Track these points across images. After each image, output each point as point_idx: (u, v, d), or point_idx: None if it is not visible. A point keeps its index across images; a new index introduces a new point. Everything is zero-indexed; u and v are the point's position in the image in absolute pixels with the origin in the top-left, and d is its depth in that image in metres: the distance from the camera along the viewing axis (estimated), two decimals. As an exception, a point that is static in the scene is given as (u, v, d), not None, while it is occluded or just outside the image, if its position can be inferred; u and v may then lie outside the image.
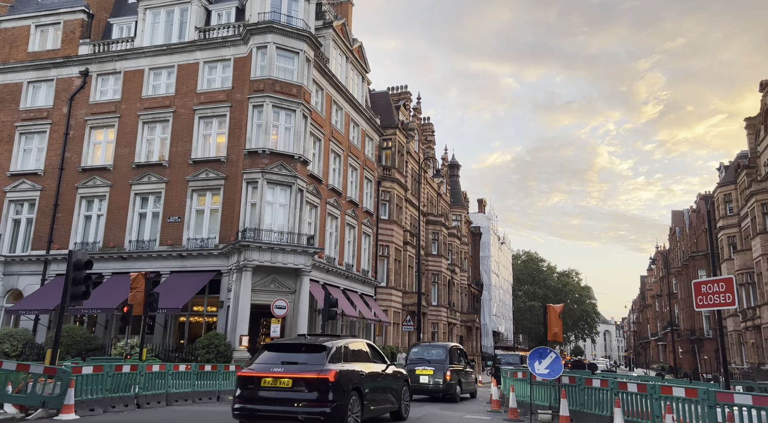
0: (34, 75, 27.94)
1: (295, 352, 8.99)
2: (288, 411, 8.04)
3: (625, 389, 9.82)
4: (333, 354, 8.77)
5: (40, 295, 24.21)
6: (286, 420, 8.11)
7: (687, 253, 61.83)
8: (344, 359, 9.03)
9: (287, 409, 8.06)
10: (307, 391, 8.07)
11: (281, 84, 24.23)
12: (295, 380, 8.13)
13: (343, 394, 8.31)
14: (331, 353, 8.73)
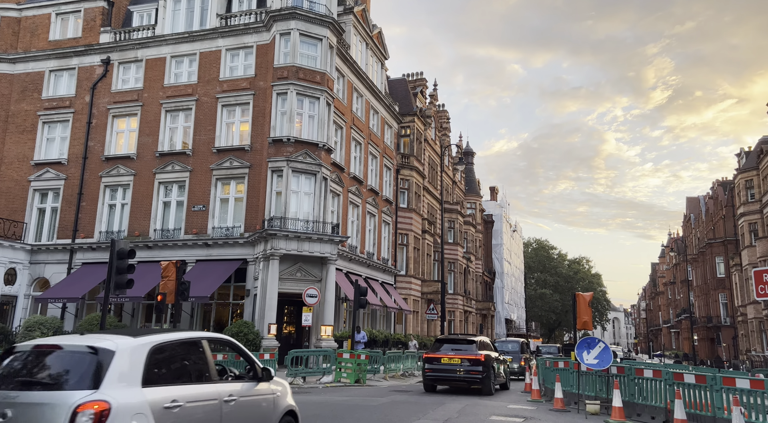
0: (55, 64, 27.85)
1: (458, 343, 15.07)
2: (458, 376, 14.34)
3: (681, 380, 9.72)
4: (479, 344, 14.65)
5: (67, 283, 24.34)
6: (458, 381, 14.37)
7: (703, 240, 61.40)
8: (484, 349, 14.63)
9: (458, 376, 14.42)
10: (470, 364, 13.99)
11: (305, 71, 24.03)
12: (462, 359, 14.08)
13: (487, 368, 14.24)
14: (477, 344, 14.71)
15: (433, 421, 9.98)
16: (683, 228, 78.88)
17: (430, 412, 11.07)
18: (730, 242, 53.57)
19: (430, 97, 45.35)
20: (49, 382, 4.40)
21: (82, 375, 4.25)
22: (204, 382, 4.94)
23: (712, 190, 62.73)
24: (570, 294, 73.91)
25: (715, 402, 8.95)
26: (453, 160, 51.89)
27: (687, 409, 9.22)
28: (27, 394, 4.24)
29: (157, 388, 4.49)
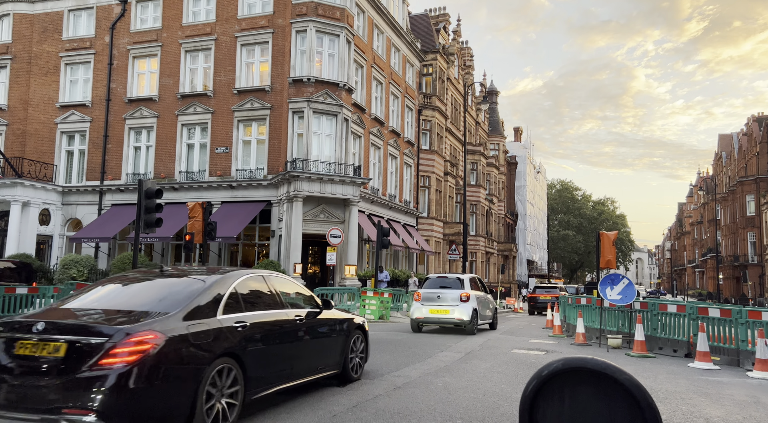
0: (73, 3, 27.49)
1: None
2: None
3: (705, 314, 9.75)
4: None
5: (98, 224, 25.09)
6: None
7: (734, 179, 59.89)
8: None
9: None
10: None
11: (324, 7, 23.30)
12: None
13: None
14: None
15: (455, 353, 10.27)
16: (714, 166, 76.84)
17: (452, 346, 11.39)
18: (762, 179, 52.13)
19: (453, 34, 43.78)
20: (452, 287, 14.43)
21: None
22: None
23: (747, 126, 60.46)
24: (593, 235, 73.65)
25: (739, 335, 8.99)
26: (476, 100, 50.70)
27: (710, 342, 9.29)
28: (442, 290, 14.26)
29: (474, 290, 12.50)
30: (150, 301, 4.83)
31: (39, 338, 4.19)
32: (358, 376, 7.34)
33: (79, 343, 4.10)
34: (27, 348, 4.20)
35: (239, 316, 5.18)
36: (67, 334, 4.17)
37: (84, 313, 4.71)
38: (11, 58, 27.69)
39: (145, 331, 4.22)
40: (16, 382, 4.11)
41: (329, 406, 5.89)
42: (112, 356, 4.03)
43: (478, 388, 7.02)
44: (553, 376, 1.75)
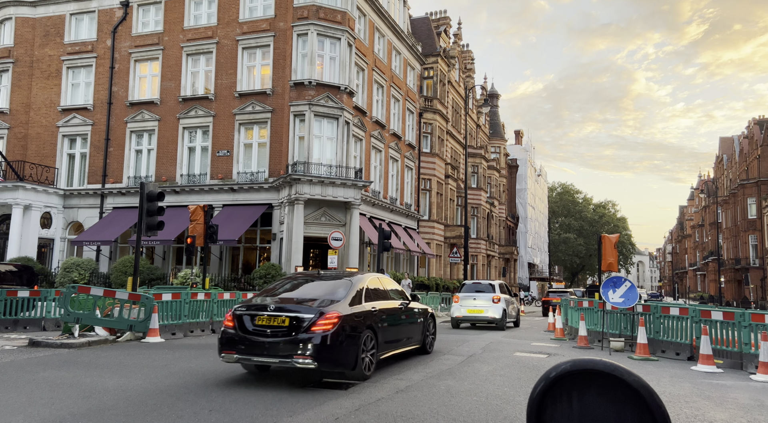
0: (75, 6, 27.57)
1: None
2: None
3: (708, 317, 9.72)
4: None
5: (100, 227, 25.10)
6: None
7: (735, 181, 59.85)
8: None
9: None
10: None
11: (325, 10, 23.36)
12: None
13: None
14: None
15: (458, 356, 10.24)
16: (715, 169, 76.80)
17: (455, 349, 11.36)
18: (763, 182, 52.05)
19: (454, 37, 43.84)
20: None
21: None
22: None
23: (748, 129, 60.44)
24: (594, 238, 73.55)
25: (742, 338, 8.96)
26: (477, 103, 50.74)
27: (713, 345, 9.26)
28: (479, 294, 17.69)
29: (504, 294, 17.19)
30: (326, 293, 7.67)
31: (269, 315, 7.11)
32: (431, 350, 10.42)
33: (296, 318, 7.01)
34: (263, 320, 7.11)
35: (372, 303, 8.05)
36: (288, 313, 7.10)
37: (292, 300, 7.58)
38: (13, 62, 27.76)
39: (332, 311, 7.10)
40: (259, 340, 6.99)
41: (332, 408, 5.87)
42: (316, 325, 6.91)
43: (481, 392, 7.00)
44: (561, 377, 1.73)
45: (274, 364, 7.07)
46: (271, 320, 7.02)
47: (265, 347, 6.89)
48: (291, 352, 6.80)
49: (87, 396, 6.36)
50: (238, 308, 7.35)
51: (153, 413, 5.63)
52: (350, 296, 7.55)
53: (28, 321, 13.43)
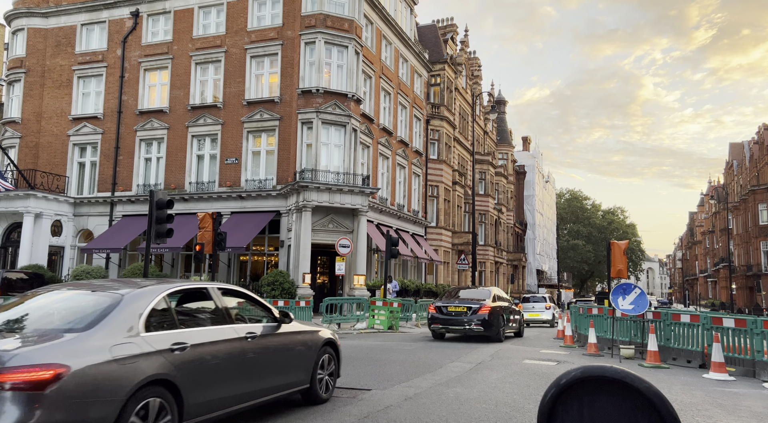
0: (86, 17, 27.95)
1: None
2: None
3: (720, 324, 9.63)
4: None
5: (109, 235, 25.28)
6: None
7: (746, 187, 59.33)
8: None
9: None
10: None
11: (333, 19, 23.52)
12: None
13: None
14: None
15: (466, 363, 10.19)
16: (725, 175, 76.21)
17: (463, 356, 11.31)
18: (774, 189, 51.57)
19: (460, 44, 43.97)
20: None
21: None
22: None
23: (758, 134, 59.97)
24: (603, 245, 73.05)
25: (754, 346, 8.86)
26: (484, 110, 50.76)
27: (725, 353, 9.16)
28: None
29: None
30: (480, 295, 14.87)
31: (455, 305, 14.50)
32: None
33: (469, 307, 14.25)
34: (452, 308, 14.47)
35: (499, 303, 15.50)
36: (465, 303, 14.44)
37: (464, 298, 14.98)
38: (25, 72, 28.14)
39: (487, 304, 14.47)
40: (452, 319, 14.37)
41: (340, 416, 5.86)
42: (481, 310, 14.10)
43: (490, 399, 6.96)
44: (572, 384, 1.73)
45: (461, 331, 14.43)
46: (456, 308, 14.38)
47: (454, 322, 14.29)
48: (468, 322, 14.08)
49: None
50: (435, 304, 15.06)
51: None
52: (492, 296, 14.95)
53: (38, 328, 13.49)
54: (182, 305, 5.25)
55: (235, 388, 5.03)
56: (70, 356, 3.65)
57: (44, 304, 4.57)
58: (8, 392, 3.31)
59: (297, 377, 6.04)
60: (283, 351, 5.85)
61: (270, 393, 5.60)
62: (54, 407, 3.44)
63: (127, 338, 4.11)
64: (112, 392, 3.80)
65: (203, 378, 4.63)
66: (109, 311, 4.21)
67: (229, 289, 5.73)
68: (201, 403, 4.58)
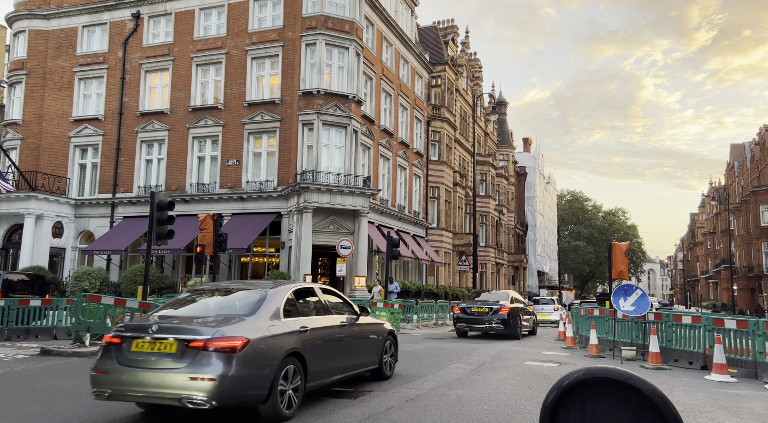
0: (87, 19, 27.99)
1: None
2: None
3: (722, 326, 9.61)
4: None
5: (110, 236, 25.29)
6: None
7: (747, 188, 59.28)
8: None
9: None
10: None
11: (333, 20, 23.54)
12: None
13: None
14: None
15: (468, 365, 10.18)
16: (726, 176, 76.16)
17: (464, 357, 11.30)
18: (776, 190, 51.51)
19: (461, 45, 43.98)
20: None
21: None
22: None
23: (759, 135, 59.94)
24: (604, 246, 72.98)
25: (756, 347, 8.84)
26: (485, 111, 50.76)
27: (727, 354, 9.14)
28: None
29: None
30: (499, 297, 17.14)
31: (479, 308, 16.16)
32: None
33: (491, 308, 16.03)
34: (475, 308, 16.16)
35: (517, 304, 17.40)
36: (487, 304, 16.33)
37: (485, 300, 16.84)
38: (26, 74, 28.18)
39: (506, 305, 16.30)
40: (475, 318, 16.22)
41: (342, 418, 5.85)
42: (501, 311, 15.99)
43: (492, 401, 6.95)
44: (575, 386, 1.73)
45: (483, 329, 16.16)
46: (479, 309, 16.01)
47: (477, 322, 15.95)
48: (490, 322, 15.61)
49: (98, 404, 6.39)
50: (459, 305, 16.76)
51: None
52: (509, 298, 16.77)
53: (39, 330, 13.53)
54: (299, 299, 6.67)
55: (335, 362, 6.71)
56: (248, 332, 5.38)
57: (216, 298, 6.44)
58: (216, 352, 5.09)
59: (371, 358, 7.77)
60: (362, 337, 7.50)
61: (354, 369, 7.28)
62: (242, 362, 5.16)
63: (275, 321, 5.82)
64: (272, 357, 5.49)
65: (318, 353, 6.27)
66: (261, 302, 5.94)
67: (326, 288, 7.48)
68: (316, 371, 6.22)
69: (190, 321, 5.57)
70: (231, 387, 5.05)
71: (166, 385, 5.05)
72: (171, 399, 5.06)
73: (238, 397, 5.17)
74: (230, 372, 5.04)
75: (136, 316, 11.88)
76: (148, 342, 5.27)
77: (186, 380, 4.99)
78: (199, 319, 5.62)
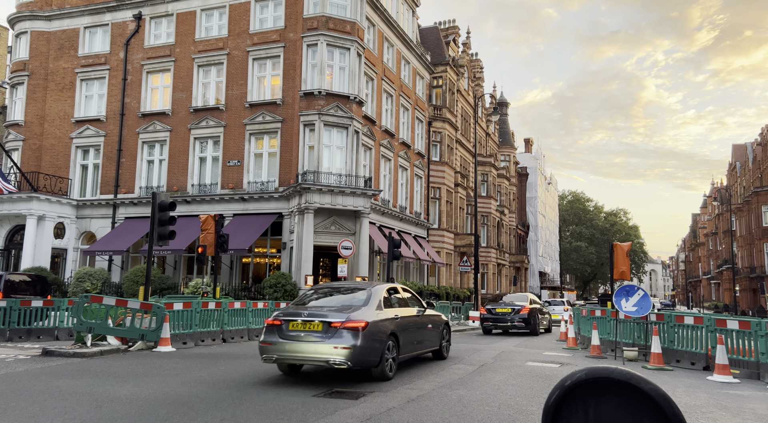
0: (89, 20, 28.05)
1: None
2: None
3: (724, 326, 9.58)
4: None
5: (112, 237, 25.32)
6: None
7: (749, 189, 59.17)
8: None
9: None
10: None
11: (335, 21, 23.55)
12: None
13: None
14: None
15: (469, 366, 10.17)
16: (728, 177, 76.02)
17: (466, 358, 11.28)
18: (778, 191, 51.39)
19: (462, 46, 43.97)
20: None
21: None
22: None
23: (761, 135, 59.81)
24: (606, 247, 72.92)
25: (759, 348, 8.81)
26: (486, 111, 50.74)
27: (729, 355, 9.12)
28: None
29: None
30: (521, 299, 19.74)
31: (502, 308, 18.75)
32: None
33: (513, 308, 18.65)
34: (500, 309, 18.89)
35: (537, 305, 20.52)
36: (510, 305, 18.87)
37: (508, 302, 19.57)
38: (28, 75, 28.23)
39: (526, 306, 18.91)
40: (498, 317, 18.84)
41: (343, 418, 5.84)
42: (522, 311, 18.53)
43: (493, 401, 6.93)
44: (577, 386, 1.71)
45: (506, 327, 18.34)
46: (503, 309, 18.20)
47: (501, 320, 18.25)
48: (512, 321, 17.93)
49: (99, 405, 6.39)
50: (485, 306, 18.76)
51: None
52: (529, 300, 18.89)
53: (41, 330, 13.54)
54: (389, 295, 8.94)
55: (414, 342, 9.19)
56: (366, 317, 7.74)
57: (337, 294, 8.98)
58: (349, 330, 7.47)
59: (433, 343, 10.17)
60: (428, 325, 9.90)
61: (423, 349, 9.78)
62: (365, 337, 7.53)
63: (380, 311, 8.18)
64: (381, 335, 7.89)
65: (405, 334, 8.75)
66: (369, 297, 8.34)
67: (404, 287, 9.94)
68: (404, 347, 8.71)
69: (327, 309, 8.04)
70: (359, 354, 7.39)
71: (317, 352, 7.46)
72: (320, 361, 7.50)
73: (362, 361, 7.53)
74: (358, 343, 7.40)
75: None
76: (300, 323, 7.69)
77: (331, 348, 7.37)
78: (333, 308, 8.10)
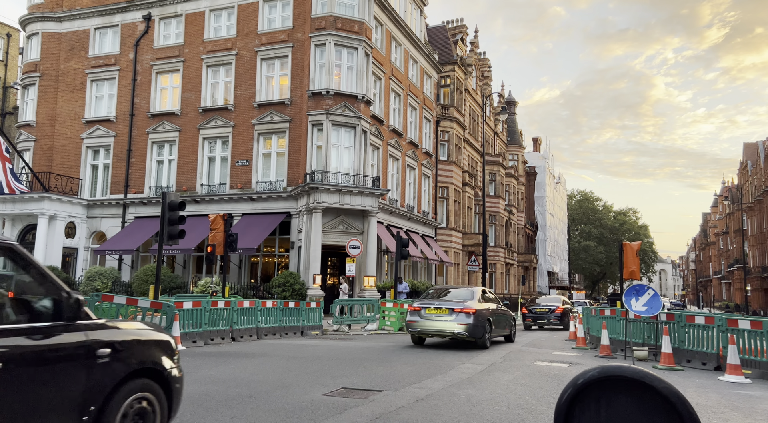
0: (99, 21, 28.28)
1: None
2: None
3: (735, 326, 9.51)
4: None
5: (122, 236, 25.51)
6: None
7: (761, 188, 58.61)
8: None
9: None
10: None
11: (343, 20, 23.58)
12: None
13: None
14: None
15: (478, 365, 10.15)
16: (739, 175, 75.33)
17: (474, 358, 11.26)
18: (789, 190, 50.84)
19: (470, 45, 43.87)
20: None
21: None
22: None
23: (773, 136, 59.13)
24: (615, 246, 72.49)
25: (771, 348, 8.73)
26: (494, 110, 50.60)
27: (741, 355, 9.04)
28: None
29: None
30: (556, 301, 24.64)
31: (540, 308, 23.64)
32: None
33: (550, 308, 23.40)
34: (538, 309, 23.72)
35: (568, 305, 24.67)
36: (547, 305, 23.78)
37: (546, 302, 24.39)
38: (40, 76, 28.50)
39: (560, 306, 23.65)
40: (538, 316, 23.51)
41: (352, 417, 5.86)
42: (556, 311, 23.22)
43: (502, 401, 6.92)
44: (590, 384, 1.71)
45: (543, 323, 23.34)
46: (541, 309, 23.36)
47: (540, 318, 23.28)
48: (548, 318, 22.99)
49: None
50: (526, 307, 24.25)
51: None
52: (561, 301, 23.75)
53: (52, 329, 13.64)
54: (482, 294, 13.06)
55: (499, 327, 13.58)
56: (475, 306, 12.44)
57: (453, 292, 13.82)
58: (466, 313, 12.21)
59: (505, 330, 14.32)
60: (505, 316, 14.29)
61: (503, 332, 14.15)
62: (475, 319, 12.25)
63: (479, 303, 12.69)
64: (484, 319, 12.56)
65: (494, 321, 13.02)
66: (473, 294, 13.12)
67: (490, 291, 13.74)
68: (494, 330, 13.16)
69: (448, 301, 12.60)
70: (472, 329, 12.02)
71: (446, 328, 12.14)
72: (448, 334, 12.21)
73: (474, 334, 12.08)
74: (472, 322, 11.97)
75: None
76: (433, 309, 12.37)
77: (455, 325, 12.04)
78: (453, 300, 12.74)
